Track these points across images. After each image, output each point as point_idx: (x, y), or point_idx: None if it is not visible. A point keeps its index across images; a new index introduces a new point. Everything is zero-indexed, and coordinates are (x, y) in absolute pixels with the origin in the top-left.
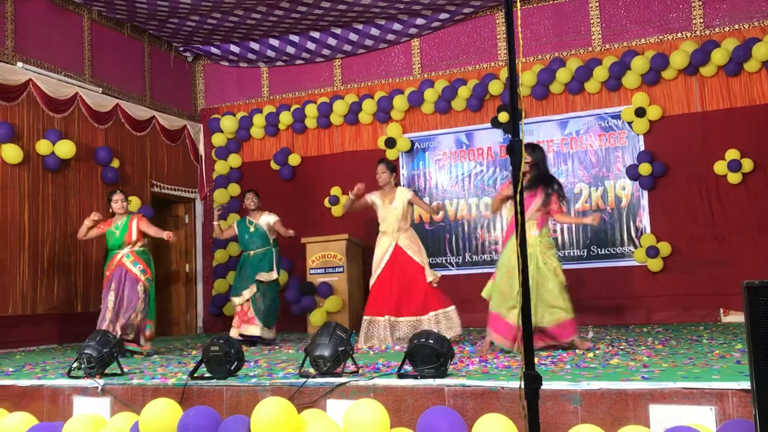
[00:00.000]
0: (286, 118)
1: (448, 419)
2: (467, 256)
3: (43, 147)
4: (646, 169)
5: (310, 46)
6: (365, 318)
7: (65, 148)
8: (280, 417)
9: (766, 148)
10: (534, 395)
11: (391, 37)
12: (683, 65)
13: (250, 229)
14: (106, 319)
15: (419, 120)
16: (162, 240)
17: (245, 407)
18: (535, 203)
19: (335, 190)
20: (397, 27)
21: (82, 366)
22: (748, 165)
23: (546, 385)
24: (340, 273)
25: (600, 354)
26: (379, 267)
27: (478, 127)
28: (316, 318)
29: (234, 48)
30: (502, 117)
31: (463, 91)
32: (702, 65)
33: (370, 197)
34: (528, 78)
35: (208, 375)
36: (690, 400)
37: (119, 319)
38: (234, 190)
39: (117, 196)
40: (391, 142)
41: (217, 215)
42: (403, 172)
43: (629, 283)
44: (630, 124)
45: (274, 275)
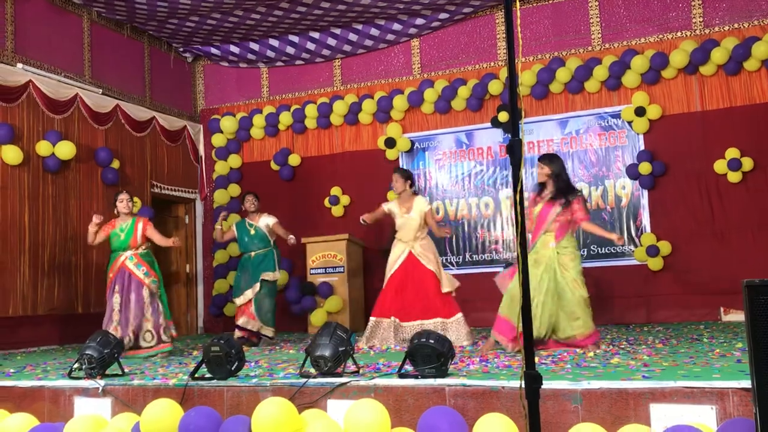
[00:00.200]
0: (285, 119)
1: (449, 419)
2: (467, 256)
3: (43, 148)
4: (646, 168)
5: (310, 46)
6: (371, 319)
7: (65, 149)
8: (281, 417)
9: (766, 146)
10: (534, 395)
11: (390, 37)
12: (683, 64)
13: (250, 231)
14: (113, 320)
15: (419, 120)
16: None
17: (246, 407)
18: (551, 214)
19: (335, 190)
20: (396, 27)
21: (83, 367)
22: (748, 164)
23: (547, 384)
24: (341, 273)
25: (600, 353)
26: (390, 271)
27: (478, 127)
28: (316, 318)
29: (234, 48)
30: (502, 117)
31: (463, 91)
32: (702, 64)
33: (386, 206)
34: (528, 77)
35: (208, 375)
36: (691, 399)
37: (129, 325)
38: (234, 190)
39: (123, 196)
40: (391, 142)
41: (220, 220)
42: None
43: (629, 282)
44: (630, 123)
45: (278, 274)
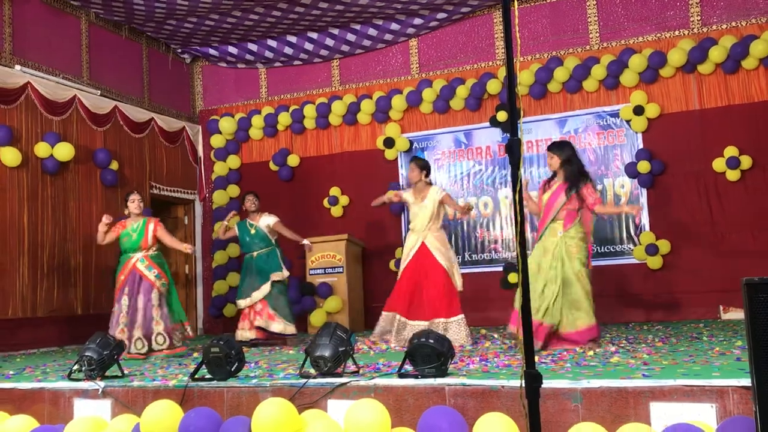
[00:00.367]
0: (284, 119)
1: (449, 419)
2: (467, 255)
3: (41, 150)
4: (644, 167)
5: (308, 46)
6: (382, 313)
7: (64, 151)
8: (281, 417)
9: (765, 145)
10: (535, 394)
11: (388, 37)
12: (681, 63)
13: (251, 231)
14: (120, 323)
15: (418, 120)
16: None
17: (246, 408)
18: (558, 202)
19: (334, 191)
20: (394, 27)
21: (83, 368)
22: (746, 162)
23: (547, 383)
24: (340, 273)
25: (600, 352)
26: (404, 263)
27: (477, 127)
28: (316, 318)
29: (232, 49)
30: (501, 116)
31: (462, 91)
32: (700, 63)
33: (402, 194)
34: (526, 77)
35: (208, 376)
36: (690, 398)
37: (138, 329)
38: (233, 191)
39: (134, 197)
40: (389, 142)
41: (229, 217)
42: (401, 171)
43: (629, 281)
44: (628, 122)
45: (286, 273)
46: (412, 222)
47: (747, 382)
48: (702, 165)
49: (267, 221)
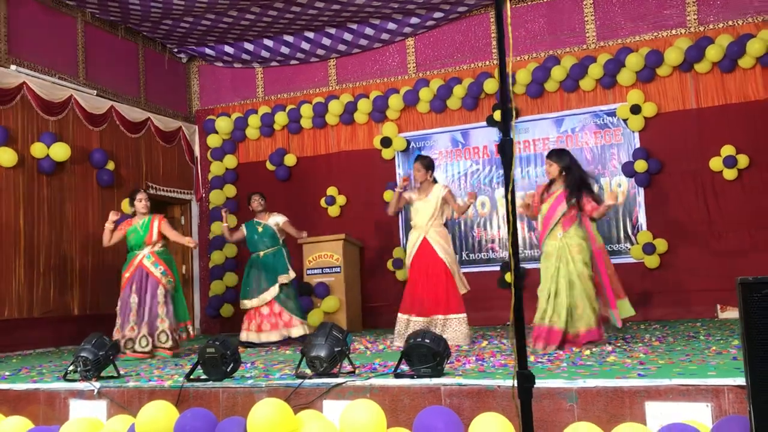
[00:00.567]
0: (281, 119)
1: (445, 418)
2: (464, 255)
3: (37, 150)
4: (641, 166)
5: (305, 46)
6: (398, 315)
7: (60, 151)
8: (277, 418)
9: (761, 144)
10: (527, 394)
11: (385, 36)
12: (678, 62)
13: (259, 230)
14: (130, 321)
15: (415, 119)
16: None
17: (242, 409)
18: (558, 212)
19: (331, 190)
20: (391, 26)
21: (78, 369)
22: (743, 161)
23: (542, 383)
24: (337, 273)
25: (596, 351)
26: (408, 262)
27: (474, 126)
28: (312, 318)
29: (228, 49)
30: (498, 116)
31: (459, 90)
32: (696, 62)
33: (408, 194)
34: (523, 76)
35: (204, 377)
36: (686, 397)
37: (144, 326)
38: (230, 191)
39: (141, 195)
40: (386, 142)
41: (225, 217)
42: (399, 171)
43: (626, 280)
44: (625, 121)
45: (293, 274)
46: (413, 218)
47: (743, 381)
48: (699, 164)
49: (276, 220)
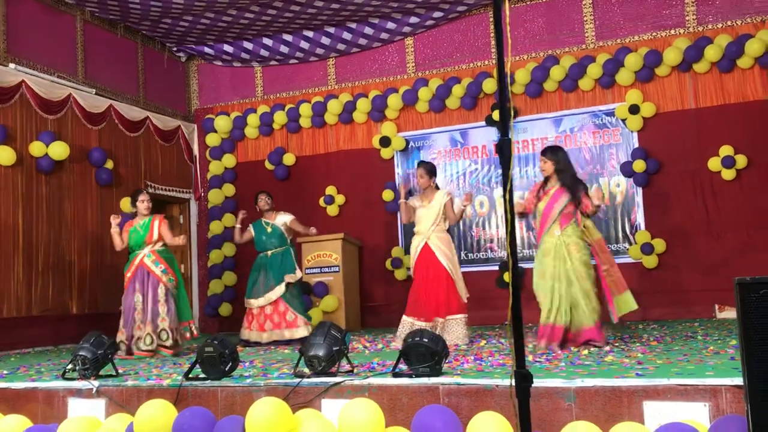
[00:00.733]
0: (280, 118)
1: (443, 417)
2: (463, 255)
3: (36, 148)
4: (640, 166)
5: (304, 45)
6: (402, 317)
7: (59, 150)
8: (275, 417)
9: (760, 144)
10: (525, 393)
11: (384, 35)
12: (676, 62)
13: (267, 230)
14: (136, 320)
15: (414, 119)
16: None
17: (240, 408)
18: (556, 208)
19: (330, 190)
20: (390, 26)
21: (77, 368)
22: (741, 161)
23: (540, 382)
24: (336, 272)
25: (594, 351)
26: (411, 267)
27: (473, 126)
28: (312, 318)
29: (227, 48)
30: (497, 115)
31: (458, 90)
32: (695, 62)
33: (411, 201)
34: (522, 76)
35: (202, 376)
36: (684, 397)
37: (148, 324)
38: (229, 190)
39: (143, 197)
40: (385, 141)
41: (240, 218)
42: (398, 170)
43: (624, 280)
44: (624, 121)
45: (299, 273)
46: (417, 225)
47: (740, 381)
48: (697, 164)
49: (283, 219)
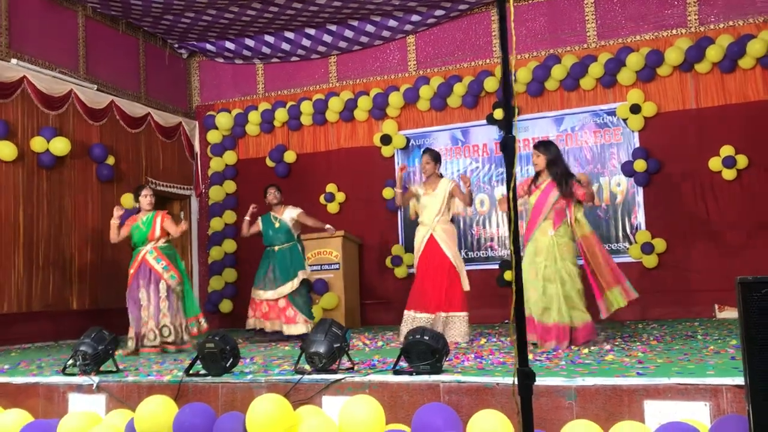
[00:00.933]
0: (281, 115)
1: (444, 415)
2: (463, 253)
3: (37, 144)
4: (641, 165)
5: (306, 42)
6: (404, 312)
7: (60, 146)
8: (276, 413)
9: (761, 144)
10: (528, 391)
11: (386, 33)
12: (678, 62)
13: (275, 225)
14: (142, 317)
15: (415, 117)
16: None
17: (241, 404)
18: (548, 202)
19: (331, 187)
20: (392, 24)
21: (77, 363)
22: (742, 161)
23: (541, 381)
24: (336, 270)
25: (595, 350)
26: (416, 259)
27: (474, 124)
28: None
29: (229, 45)
30: (498, 114)
31: (459, 88)
32: (697, 62)
33: (413, 187)
34: (523, 74)
35: (203, 372)
36: (684, 396)
37: (151, 321)
38: (229, 187)
39: (146, 192)
40: (386, 139)
41: (251, 211)
42: (397, 168)
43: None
44: (625, 120)
45: (309, 270)
46: (421, 215)
47: (741, 380)
48: (698, 164)
49: (291, 214)
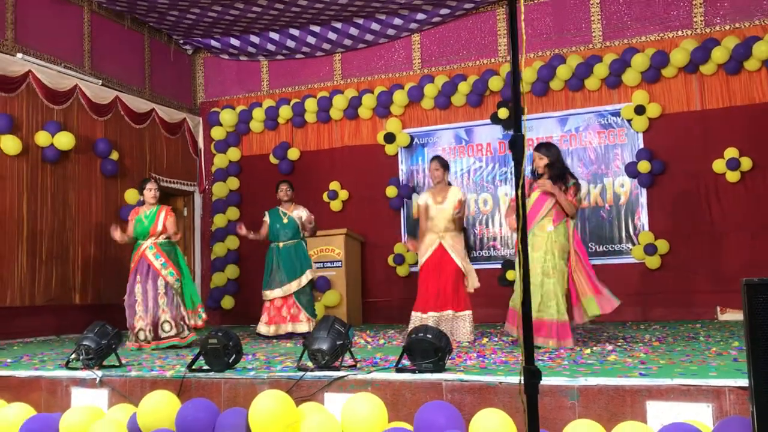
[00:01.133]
0: (285, 112)
1: (446, 414)
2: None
3: (42, 138)
4: (645, 166)
5: (311, 40)
6: (412, 313)
7: (64, 140)
8: (278, 410)
9: (765, 146)
10: (533, 390)
11: (391, 32)
12: (683, 63)
13: (284, 220)
14: (137, 312)
15: (419, 115)
16: None
17: (243, 400)
18: (548, 202)
19: (334, 185)
20: (397, 22)
21: (80, 357)
22: (746, 163)
23: (544, 380)
24: (339, 267)
25: (597, 350)
26: (421, 262)
27: (478, 123)
28: None
29: (234, 41)
30: (502, 113)
31: (463, 87)
32: (702, 63)
33: (420, 200)
34: (528, 74)
35: (206, 367)
36: (687, 397)
37: (147, 316)
38: (233, 183)
39: (151, 185)
40: (390, 137)
41: (244, 233)
42: (402, 167)
43: (627, 281)
44: (629, 121)
45: (315, 268)
46: (430, 223)
47: (744, 382)
48: (702, 166)
49: (300, 213)
